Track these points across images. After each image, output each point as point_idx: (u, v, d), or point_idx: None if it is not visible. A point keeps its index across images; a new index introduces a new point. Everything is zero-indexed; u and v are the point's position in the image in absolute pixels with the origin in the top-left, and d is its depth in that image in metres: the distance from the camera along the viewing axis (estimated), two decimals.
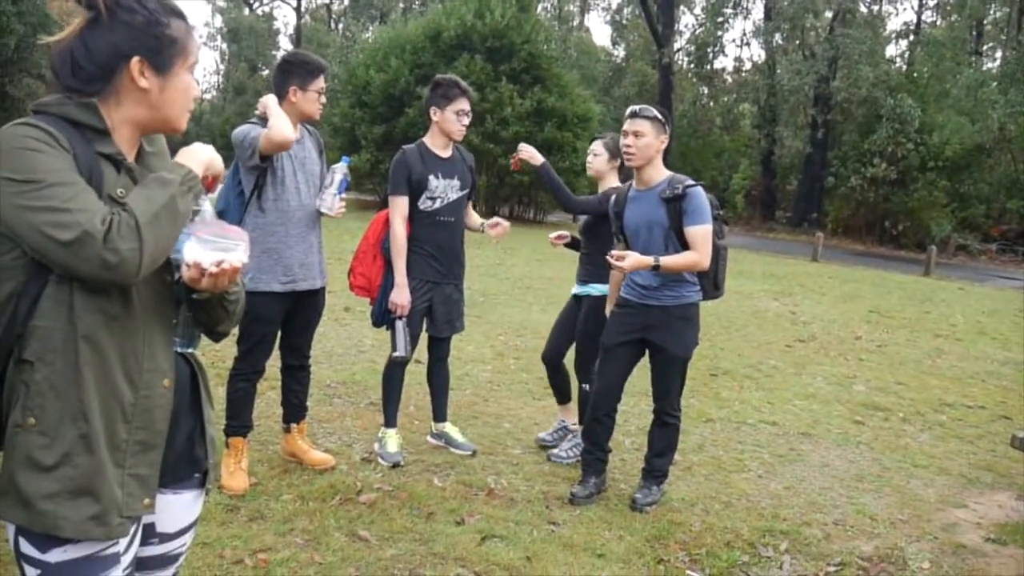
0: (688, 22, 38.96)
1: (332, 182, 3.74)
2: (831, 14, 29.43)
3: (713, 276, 3.87)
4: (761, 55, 33.90)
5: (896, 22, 41.41)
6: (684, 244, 3.72)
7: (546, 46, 24.84)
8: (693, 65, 36.43)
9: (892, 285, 14.92)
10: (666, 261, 3.66)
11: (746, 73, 36.42)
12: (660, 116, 3.74)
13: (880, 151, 24.95)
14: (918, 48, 31.13)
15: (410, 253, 4.09)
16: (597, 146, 4.51)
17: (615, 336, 3.93)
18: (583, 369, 4.45)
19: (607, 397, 3.98)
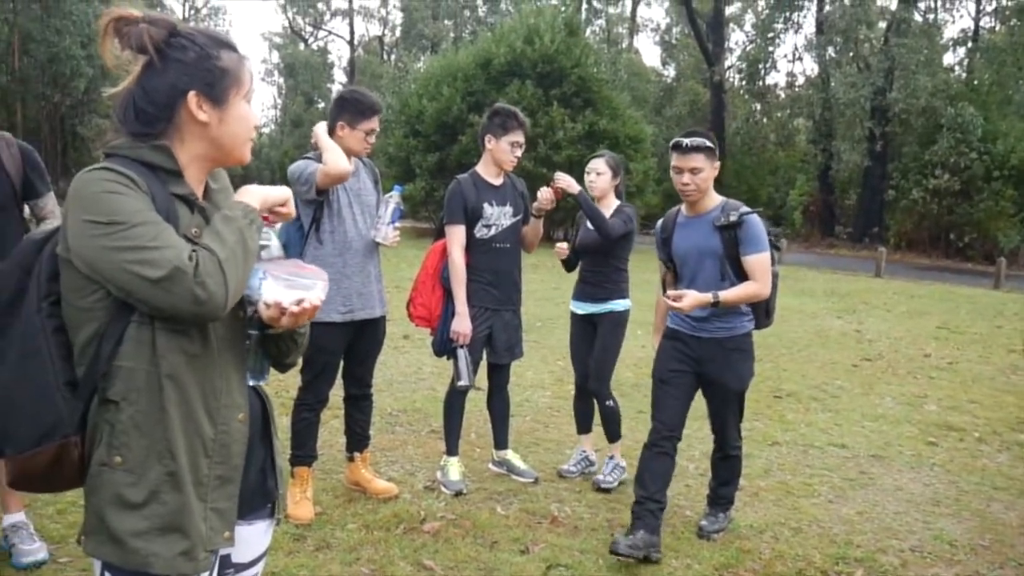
0: (738, 39, 38.73)
1: (385, 212, 3.80)
2: (885, 25, 28.93)
3: (765, 304, 3.68)
4: (814, 69, 33.41)
5: (953, 30, 40.31)
6: (737, 272, 3.54)
7: (596, 69, 24.86)
8: (745, 82, 36.07)
9: (960, 299, 14.46)
10: (725, 296, 3.44)
11: (799, 88, 35.92)
12: (711, 142, 3.53)
13: (942, 162, 24.33)
14: (977, 55, 30.34)
15: (468, 281, 4.11)
16: (599, 164, 4.47)
17: (668, 367, 3.70)
18: (605, 386, 4.43)
19: (666, 433, 3.64)
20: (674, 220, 3.73)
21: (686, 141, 3.46)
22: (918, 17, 29.34)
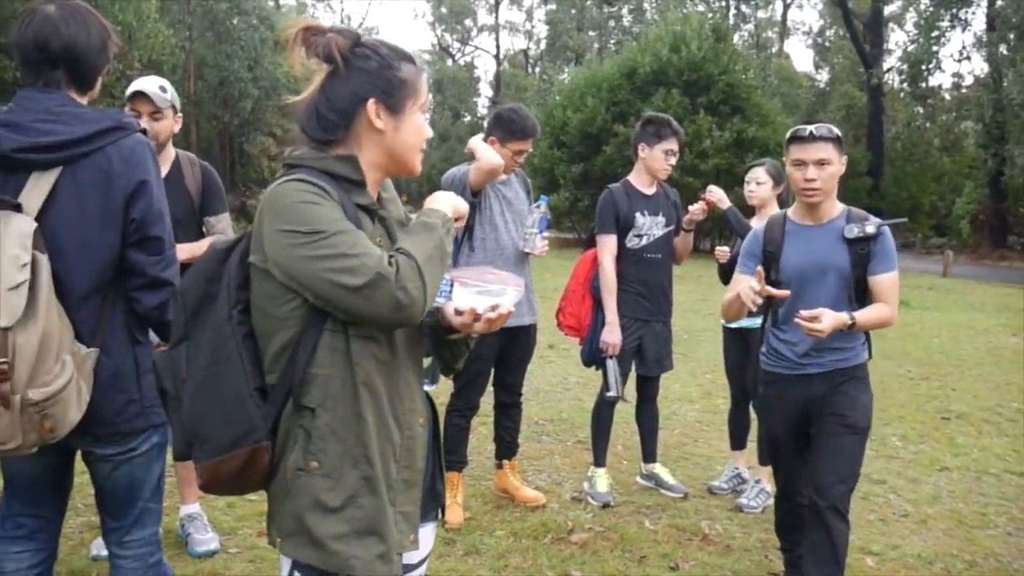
0: (898, 39, 36.88)
1: (532, 222, 3.83)
2: None
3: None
4: (984, 68, 31.22)
5: None
6: (859, 294, 2.99)
7: (744, 75, 24.30)
8: (906, 84, 34.15)
9: None
10: (861, 318, 2.87)
11: (967, 89, 33.65)
12: (839, 133, 2.99)
13: None
14: None
15: (619, 291, 4.08)
16: (759, 173, 4.29)
17: (780, 425, 3.16)
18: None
19: (792, 489, 3.17)
20: (782, 229, 3.08)
21: (810, 128, 2.93)
22: None
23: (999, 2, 28.09)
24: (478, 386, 3.95)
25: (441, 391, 4.41)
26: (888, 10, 35.18)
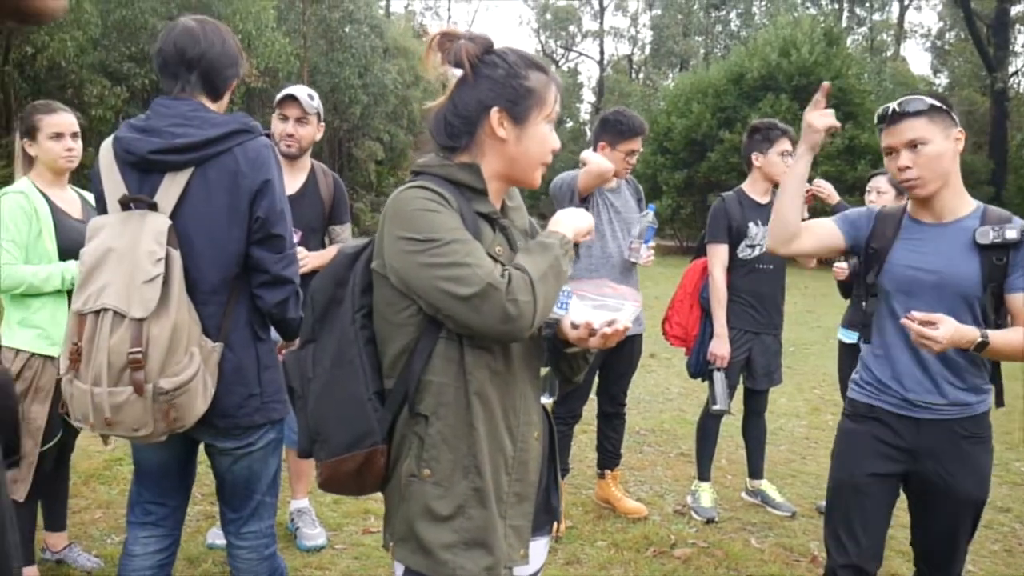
0: None
1: (639, 231, 3.79)
2: None
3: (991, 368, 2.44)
4: None
5: None
6: (986, 316, 2.32)
7: (858, 80, 23.45)
8: None
9: None
10: (998, 340, 2.21)
11: None
12: (943, 104, 2.31)
13: None
14: None
15: (728, 302, 3.98)
16: (881, 182, 4.10)
17: (867, 468, 2.44)
18: None
19: (862, 562, 2.44)
20: (897, 223, 2.45)
21: (892, 105, 2.33)
22: None
23: None
24: (581, 394, 3.93)
25: None
26: (1015, 10, 33.34)
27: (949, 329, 2.15)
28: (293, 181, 3.33)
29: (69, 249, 2.79)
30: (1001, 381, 2.46)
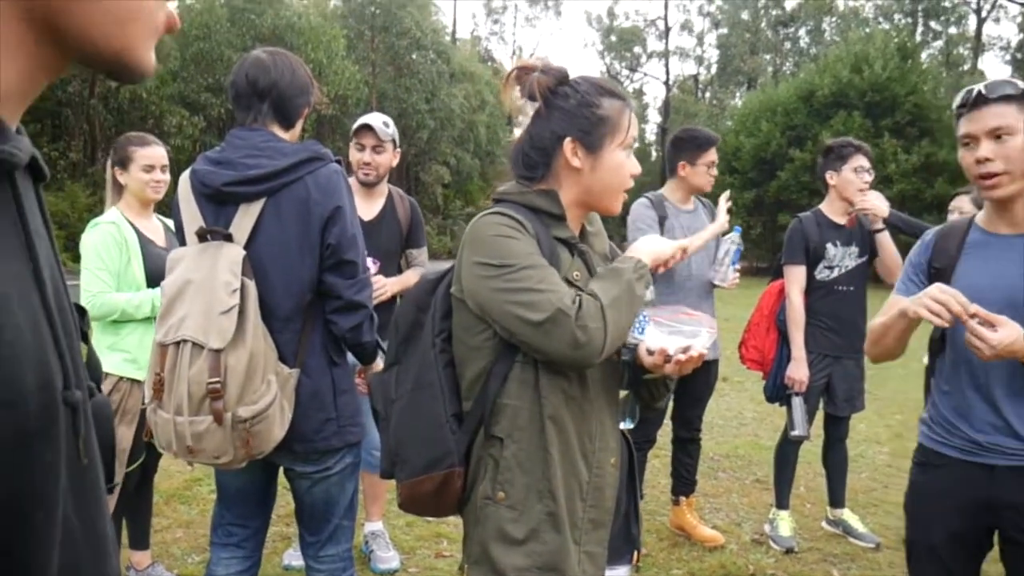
0: None
1: (726, 253, 3.72)
2: None
3: None
4: None
5: None
6: None
7: (934, 95, 22.86)
8: None
9: None
10: None
11: None
12: None
13: None
14: None
15: (807, 325, 3.88)
16: (964, 202, 3.90)
17: (940, 525, 2.10)
18: None
19: None
20: (961, 238, 2.11)
21: (979, 87, 1.98)
22: None
23: None
24: (656, 419, 3.87)
25: None
26: None
27: (1009, 335, 1.79)
28: (371, 207, 3.38)
29: (155, 276, 2.89)
30: None
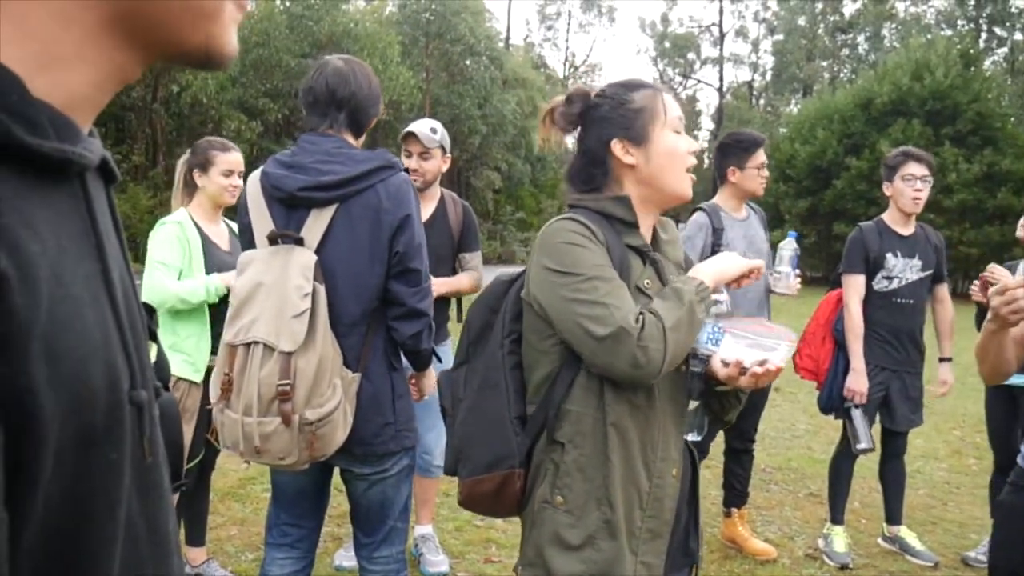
0: None
1: (783, 260, 3.66)
2: None
3: None
4: None
5: None
6: None
7: (998, 103, 22.27)
8: None
9: None
10: None
11: None
12: None
13: None
14: None
15: (865, 336, 3.81)
16: None
17: None
18: None
19: None
20: None
21: None
22: None
23: None
24: (709, 431, 3.82)
25: None
26: None
27: None
28: (423, 211, 3.40)
29: None
30: None
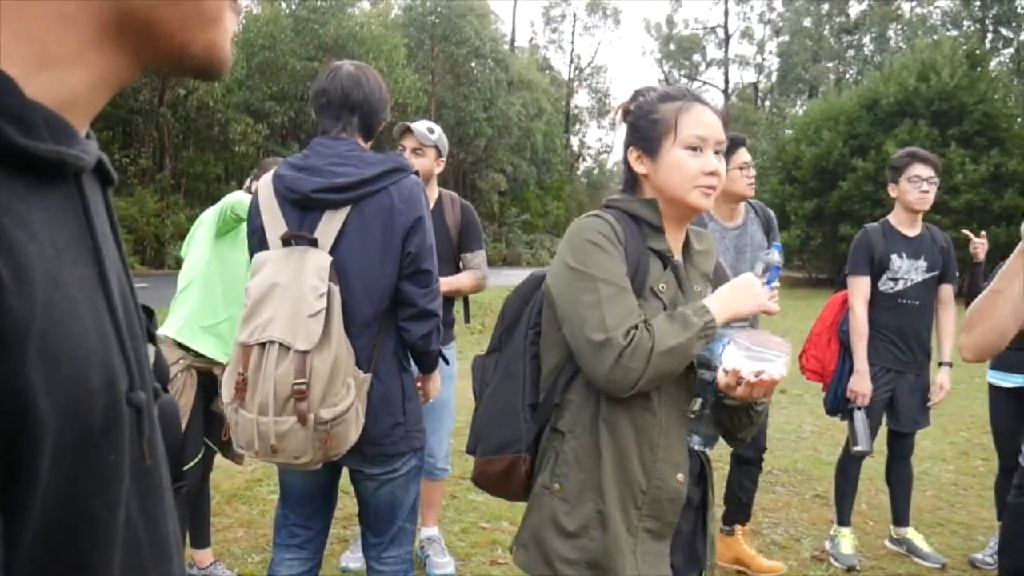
0: None
1: (761, 271, 3.59)
2: None
3: None
4: None
5: None
6: None
7: (1004, 104, 22.20)
8: None
9: None
10: None
11: None
12: None
13: None
14: None
15: (870, 338, 3.80)
16: None
17: None
18: None
19: None
20: None
21: None
22: None
23: None
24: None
25: None
26: None
27: None
28: None
29: None
30: None
